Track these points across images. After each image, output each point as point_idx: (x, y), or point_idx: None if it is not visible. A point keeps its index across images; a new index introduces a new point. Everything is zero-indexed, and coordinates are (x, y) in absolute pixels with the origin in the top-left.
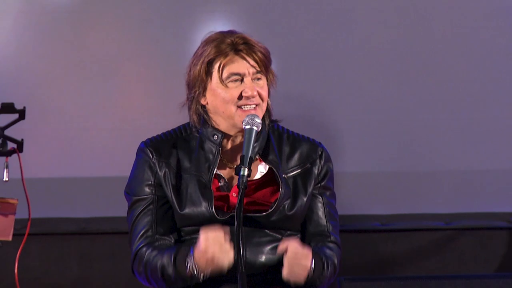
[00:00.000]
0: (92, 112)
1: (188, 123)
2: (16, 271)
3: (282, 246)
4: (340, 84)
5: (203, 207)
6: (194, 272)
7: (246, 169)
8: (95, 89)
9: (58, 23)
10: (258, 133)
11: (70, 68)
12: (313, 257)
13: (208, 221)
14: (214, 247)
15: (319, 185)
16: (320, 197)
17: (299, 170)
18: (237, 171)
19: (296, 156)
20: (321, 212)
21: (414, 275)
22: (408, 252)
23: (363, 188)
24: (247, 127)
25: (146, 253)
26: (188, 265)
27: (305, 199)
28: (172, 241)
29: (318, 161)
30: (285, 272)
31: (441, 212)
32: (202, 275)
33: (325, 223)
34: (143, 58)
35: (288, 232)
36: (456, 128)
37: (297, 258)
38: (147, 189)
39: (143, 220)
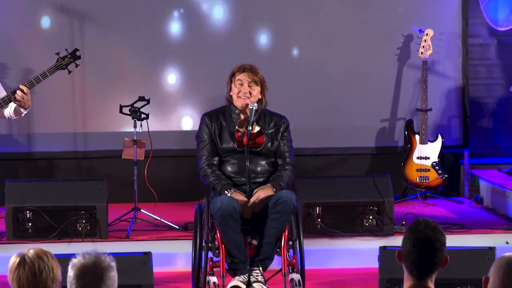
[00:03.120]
0: (184, 94)
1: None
2: (145, 175)
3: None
4: (274, 71)
5: (231, 144)
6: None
7: (250, 127)
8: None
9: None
10: (256, 111)
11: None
12: (273, 185)
13: (233, 150)
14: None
15: (284, 135)
16: (285, 140)
17: (274, 130)
18: (247, 127)
19: (272, 124)
20: (284, 148)
21: (330, 175)
22: (327, 166)
23: (306, 134)
24: (251, 107)
25: (208, 171)
26: (227, 193)
27: (276, 142)
28: (218, 162)
29: (283, 125)
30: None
31: (339, 146)
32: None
33: (286, 153)
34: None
35: (269, 156)
36: (351, 96)
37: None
38: (205, 135)
39: (204, 151)
